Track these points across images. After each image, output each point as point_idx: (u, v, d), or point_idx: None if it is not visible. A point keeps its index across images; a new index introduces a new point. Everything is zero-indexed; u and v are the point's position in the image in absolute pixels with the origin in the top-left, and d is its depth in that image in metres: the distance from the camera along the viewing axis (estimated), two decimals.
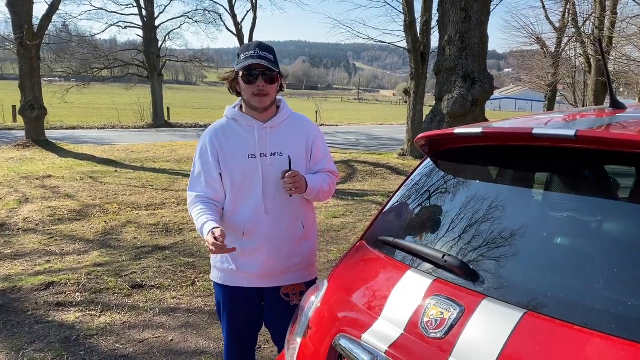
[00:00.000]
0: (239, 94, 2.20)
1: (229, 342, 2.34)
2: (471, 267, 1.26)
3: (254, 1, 16.96)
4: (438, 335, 1.20)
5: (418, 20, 13.12)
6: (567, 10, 24.81)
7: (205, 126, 26.29)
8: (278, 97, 2.26)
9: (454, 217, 1.46)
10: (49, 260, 4.92)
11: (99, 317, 3.68)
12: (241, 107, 2.23)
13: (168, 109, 26.71)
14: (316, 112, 33.85)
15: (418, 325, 1.26)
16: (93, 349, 3.23)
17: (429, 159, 1.78)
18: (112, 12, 24.07)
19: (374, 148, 16.94)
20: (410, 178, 1.78)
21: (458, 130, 1.48)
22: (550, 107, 28.27)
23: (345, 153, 14.03)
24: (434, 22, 13.66)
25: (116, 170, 11.02)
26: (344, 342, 1.40)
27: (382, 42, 15.18)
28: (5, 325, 3.52)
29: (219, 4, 24.11)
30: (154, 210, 7.45)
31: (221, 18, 19.27)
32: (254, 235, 2.13)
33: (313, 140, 2.23)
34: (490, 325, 1.13)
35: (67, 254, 5.15)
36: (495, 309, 1.15)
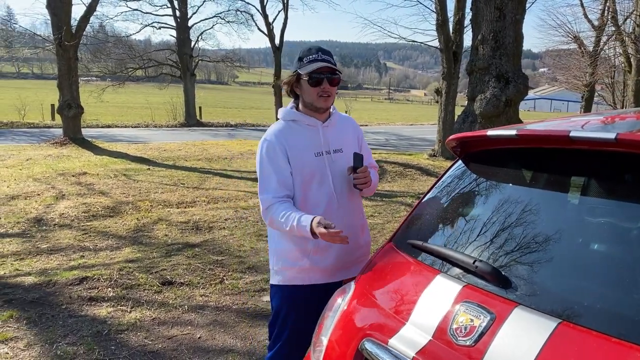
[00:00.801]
0: (296, 96, 2.25)
1: (290, 350, 2.23)
2: (503, 273, 1.22)
3: (285, 1, 17.04)
4: (467, 343, 1.16)
5: (450, 19, 12.93)
6: (606, 8, 24.04)
7: (236, 125, 26.71)
8: None
9: (485, 221, 1.42)
10: (83, 256, 5.05)
11: (130, 312, 3.75)
12: (296, 108, 2.27)
13: (200, 108, 27.10)
14: (345, 111, 33.80)
15: (447, 331, 1.23)
16: (123, 344, 3.29)
17: (460, 161, 1.74)
18: (147, 13, 24.54)
19: (403, 148, 16.80)
20: (441, 180, 1.75)
21: (491, 132, 1.43)
22: (587, 108, 27.46)
23: (375, 153, 13.96)
24: (466, 21, 13.44)
25: (149, 168, 11.24)
26: (370, 347, 1.38)
27: (413, 41, 15.03)
28: (40, 318, 3.62)
29: (250, 4, 24.28)
30: (185, 208, 7.56)
31: (253, 18, 19.45)
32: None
33: (360, 137, 2.36)
34: (522, 334, 1.09)
35: (100, 250, 5.27)
36: (528, 317, 1.11)
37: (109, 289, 4.15)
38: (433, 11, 13.09)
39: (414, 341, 1.28)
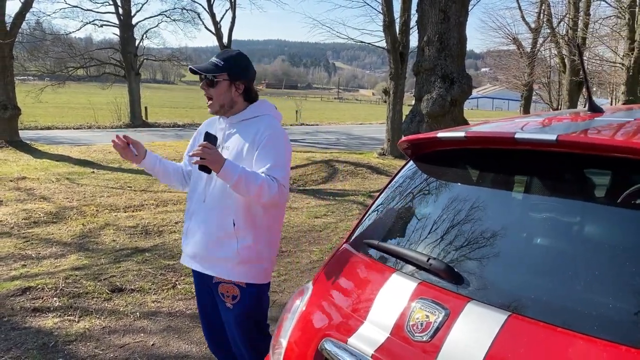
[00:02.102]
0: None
1: (202, 326, 2.62)
2: (455, 269, 1.28)
3: (233, 0, 16.85)
4: (424, 339, 1.21)
5: (397, 21, 13.20)
6: (542, 11, 25.26)
7: (184, 126, 26.17)
8: (260, 99, 2.33)
9: (437, 219, 1.47)
10: (25, 265, 4.81)
11: (78, 322, 3.62)
12: None
13: (146, 108, 26.36)
14: (296, 111, 33.84)
15: (404, 328, 1.27)
16: (72, 355, 3.17)
17: (412, 162, 1.79)
18: (87, 10, 23.62)
19: (354, 147, 16.99)
20: (394, 180, 1.79)
21: (441, 134, 1.49)
22: (526, 106, 28.73)
23: (326, 153, 14.05)
24: (412, 22, 13.77)
25: (93, 172, 10.85)
26: (329, 346, 1.41)
27: (361, 42, 15.24)
28: None
29: (197, 2, 23.86)
30: (133, 212, 7.35)
31: (200, 17, 19.11)
32: (195, 218, 2.31)
33: (260, 141, 2.18)
34: (475, 328, 1.15)
35: (44, 258, 5.04)
36: (480, 311, 1.17)
37: (55, 298, 3.98)
38: (380, 12, 13.33)
39: (372, 339, 1.32)
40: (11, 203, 7.47)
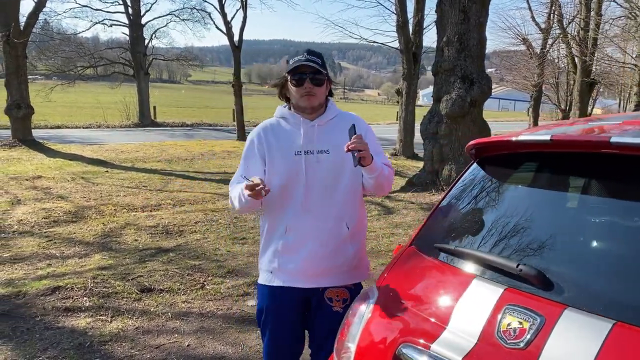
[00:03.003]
0: (288, 100, 2.24)
1: (270, 351, 2.28)
2: (548, 275, 1.25)
3: (244, 0, 16.84)
4: (520, 346, 1.18)
5: (410, 21, 13.16)
6: (552, 12, 25.14)
7: (193, 125, 26.20)
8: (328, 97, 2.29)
9: (516, 224, 1.45)
10: (50, 264, 4.82)
11: (111, 322, 3.61)
12: (290, 107, 2.25)
13: (154, 107, 26.44)
14: None
15: (494, 335, 1.25)
16: (109, 355, 3.16)
17: (476, 165, 1.77)
18: (97, 9, 23.73)
19: None
20: (459, 183, 1.77)
21: (523, 137, 1.47)
22: (535, 107, 28.60)
23: None
24: (426, 23, 13.74)
25: (107, 171, 10.87)
26: (410, 352, 1.38)
27: (374, 42, 15.21)
28: (15, 331, 3.43)
29: (208, 2, 23.87)
30: (151, 211, 7.35)
31: (210, 16, 19.07)
32: (297, 232, 2.12)
33: (365, 135, 2.08)
34: (576, 336, 1.12)
35: (68, 257, 5.05)
36: (580, 319, 1.14)
37: (85, 298, 3.98)
38: (393, 12, 13.29)
39: (459, 345, 1.30)
40: (29, 202, 7.49)
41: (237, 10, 17.34)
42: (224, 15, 16.77)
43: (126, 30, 23.98)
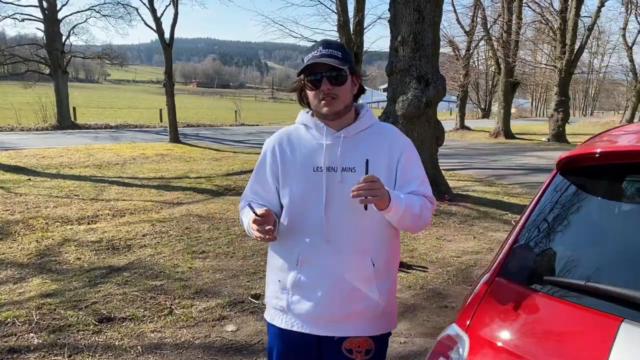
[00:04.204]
0: (308, 104, 1.85)
1: None
2: None
3: None
4: None
5: (351, 21, 13.06)
6: (476, 15, 26.18)
7: (118, 127, 24.73)
8: (360, 103, 1.91)
9: None
10: None
11: None
12: (312, 113, 1.87)
13: (74, 108, 24.64)
14: (235, 111, 33.05)
15: None
16: None
17: (562, 177, 1.53)
18: (6, 2, 21.65)
19: None
20: (547, 199, 1.52)
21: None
22: (462, 107, 29.68)
23: None
24: (366, 23, 13.70)
25: (29, 179, 9.82)
26: None
27: (315, 41, 14.92)
28: None
29: None
30: (89, 224, 6.64)
31: (138, 12, 17.89)
32: (312, 266, 1.77)
33: (400, 154, 1.79)
34: None
35: (1, 284, 4.35)
36: None
37: (31, 334, 3.39)
38: (334, 12, 13.13)
39: None
40: None
41: (167, 7, 16.46)
42: (153, 11, 15.86)
43: (41, 25, 22.10)
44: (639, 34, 32.19)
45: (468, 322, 1.43)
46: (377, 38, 18.64)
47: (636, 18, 30.01)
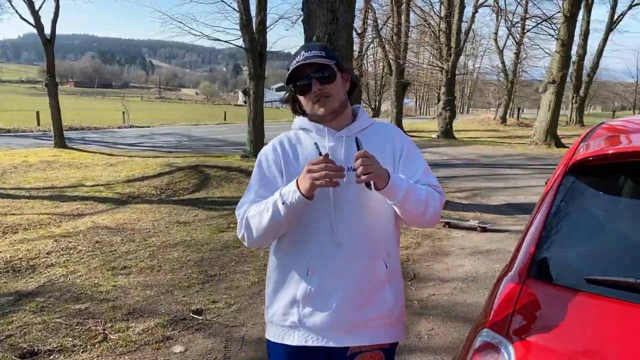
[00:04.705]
0: (304, 113, 1.79)
1: None
2: None
3: None
4: None
5: (253, 19, 12.84)
6: (366, 17, 27.18)
7: (9, 131, 21.97)
8: (356, 105, 1.83)
9: None
10: None
11: None
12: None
13: None
14: (123, 112, 31.07)
15: None
16: None
17: (577, 175, 1.57)
18: None
19: (200, 150, 16.11)
20: (558, 197, 1.55)
21: None
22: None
23: (187, 157, 13.03)
24: (268, 22, 13.57)
25: None
26: None
27: (217, 39, 14.53)
28: None
29: None
30: None
31: (11, 3, 15.96)
32: (324, 274, 1.68)
33: (401, 149, 1.76)
34: None
35: None
36: None
37: None
38: (235, 10, 12.82)
39: None
40: None
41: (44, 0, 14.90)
42: (30, 3, 14.33)
43: None
44: (507, 39, 35.58)
45: (507, 327, 1.40)
46: (279, 38, 18.48)
47: (505, 24, 33.11)
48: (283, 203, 1.56)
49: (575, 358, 1.25)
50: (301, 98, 1.71)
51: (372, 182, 1.51)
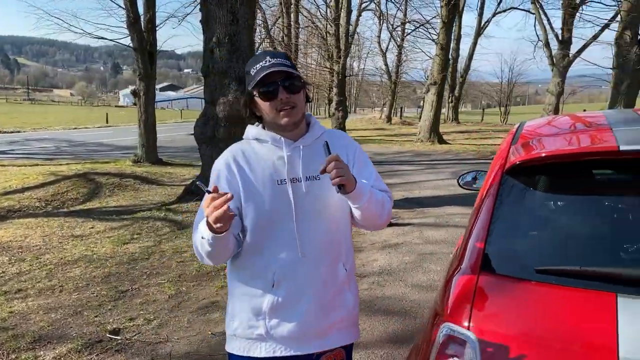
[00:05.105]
0: (260, 119, 1.76)
1: None
2: None
3: None
4: None
5: (141, 18, 12.21)
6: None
7: None
8: (307, 113, 1.83)
9: (623, 230, 1.49)
10: None
11: None
12: (264, 126, 1.78)
13: None
14: None
15: None
16: None
17: (509, 176, 1.73)
18: None
19: (85, 155, 14.99)
20: (500, 197, 1.70)
21: (630, 147, 1.49)
22: None
23: (72, 164, 11.99)
24: (158, 20, 12.98)
25: None
26: None
27: (102, 37, 13.49)
28: None
29: None
30: None
31: None
32: (290, 284, 1.69)
33: (354, 157, 1.82)
34: None
35: None
36: None
37: None
38: (122, 7, 12.07)
39: None
40: None
41: None
42: None
43: None
44: (390, 42, 37.48)
45: (468, 320, 1.50)
46: (169, 37, 17.75)
47: (387, 28, 34.86)
48: (203, 237, 1.54)
49: (535, 341, 1.38)
50: (265, 104, 1.67)
51: (341, 186, 1.54)
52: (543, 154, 1.65)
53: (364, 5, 28.82)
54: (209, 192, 1.46)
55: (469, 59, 35.92)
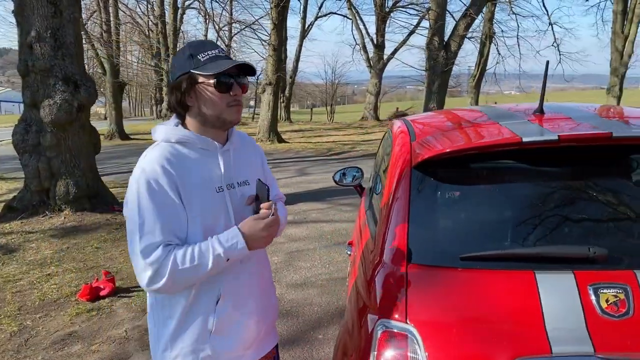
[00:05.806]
0: (185, 109, 1.58)
1: None
2: (609, 251, 1.49)
3: None
4: (630, 314, 1.38)
5: None
6: None
7: None
8: None
9: (535, 215, 1.63)
10: None
11: None
12: (182, 125, 1.62)
13: None
14: None
15: (599, 315, 1.39)
16: None
17: (420, 171, 1.79)
18: None
19: None
20: (414, 192, 1.76)
21: (528, 138, 1.62)
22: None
23: None
24: None
25: None
26: None
27: None
28: None
29: None
30: None
31: None
32: (234, 299, 1.62)
33: (262, 162, 1.85)
34: None
35: None
36: None
37: None
38: None
39: (576, 338, 1.36)
40: None
41: None
42: None
43: None
44: (217, 41, 36.96)
45: (405, 313, 1.51)
46: None
47: (214, 27, 34.30)
48: (228, 260, 1.49)
49: (470, 325, 1.45)
50: (216, 95, 1.54)
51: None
52: (454, 148, 1.73)
53: (187, 3, 27.96)
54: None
55: (296, 60, 37.22)
